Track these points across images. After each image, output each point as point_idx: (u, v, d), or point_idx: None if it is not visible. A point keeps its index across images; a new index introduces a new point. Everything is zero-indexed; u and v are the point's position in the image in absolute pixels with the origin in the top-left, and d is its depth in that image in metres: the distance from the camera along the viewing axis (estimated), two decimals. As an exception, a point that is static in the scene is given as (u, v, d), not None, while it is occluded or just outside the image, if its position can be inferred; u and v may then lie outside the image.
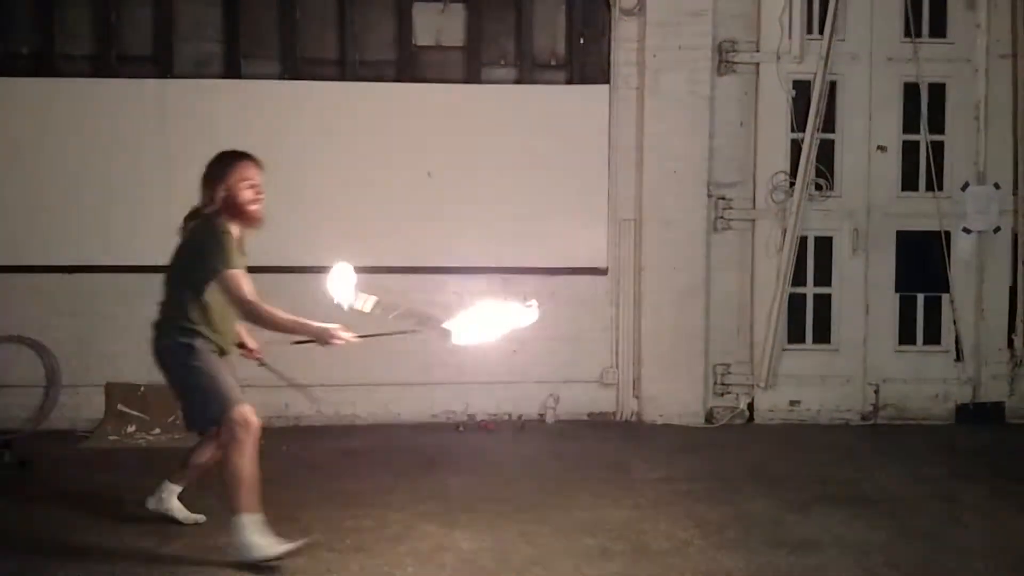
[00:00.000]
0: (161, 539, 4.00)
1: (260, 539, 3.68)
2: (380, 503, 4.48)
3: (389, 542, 4.00)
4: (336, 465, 5.19)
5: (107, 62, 5.99)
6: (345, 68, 6.12)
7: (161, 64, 6.02)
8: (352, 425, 6.02)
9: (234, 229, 3.83)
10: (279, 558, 3.69)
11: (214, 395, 3.75)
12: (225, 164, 3.85)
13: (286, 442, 5.46)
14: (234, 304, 3.75)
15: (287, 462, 5.11)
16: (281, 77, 6.06)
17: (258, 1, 6.08)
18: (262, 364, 4.15)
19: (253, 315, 3.74)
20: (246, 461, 3.70)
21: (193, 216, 3.88)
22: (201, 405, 3.80)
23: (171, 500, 4.18)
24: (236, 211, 3.81)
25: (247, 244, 3.94)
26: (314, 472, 5.04)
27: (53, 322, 5.87)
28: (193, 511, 4.17)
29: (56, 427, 5.75)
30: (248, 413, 3.74)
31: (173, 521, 4.13)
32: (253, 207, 3.83)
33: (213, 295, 3.79)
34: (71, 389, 5.87)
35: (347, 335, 3.76)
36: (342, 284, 3.88)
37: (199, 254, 3.77)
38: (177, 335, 3.81)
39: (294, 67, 6.07)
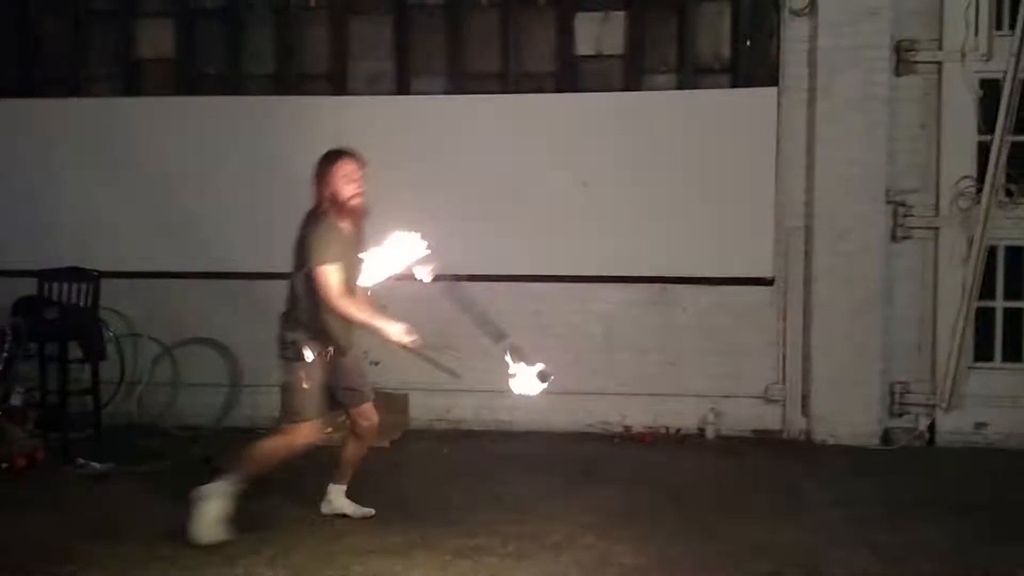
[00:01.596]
0: (332, 531, 4.14)
1: (211, 520, 3.93)
2: (541, 511, 4.47)
3: (551, 551, 3.98)
4: (493, 469, 5.23)
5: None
6: (507, 81, 6.20)
7: (335, 81, 6.29)
8: (508, 431, 6.06)
9: (343, 224, 4.00)
10: (204, 545, 3.91)
11: (295, 402, 3.99)
12: (327, 162, 4.03)
13: (447, 444, 5.57)
14: (325, 301, 3.92)
15: (448, 464, 5.20)
16: (447, 92, 6.21)
17: (426, 21, 6.25)
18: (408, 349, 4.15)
19: (339, 309, 3.91)
20: (276, 457, 4.03)
21: (307, 216, 4.09)
22: (286, 407, 4.05)
23: (340, 500, 4.36)
24: (340, 206, 3.97)
25: (358, 236, 4.06)
26: (473, 475, 5.10)
27: (235, 325, 6.22)
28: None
29: (237, 424, 6.08)
30: (309, 433, 4.02)
31: (346, 517, 4.31)
32: (354, 201, 3.98)
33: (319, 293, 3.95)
34: (251, 389, 6.19)
35: (406, 339, 3.90)
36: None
37: (305, 251, 3.96)
38: (291, 331, 4.03)
39: (460, 82, 6.21)
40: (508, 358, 3.95)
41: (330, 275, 3.90)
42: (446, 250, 6.30)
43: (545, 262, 6.02)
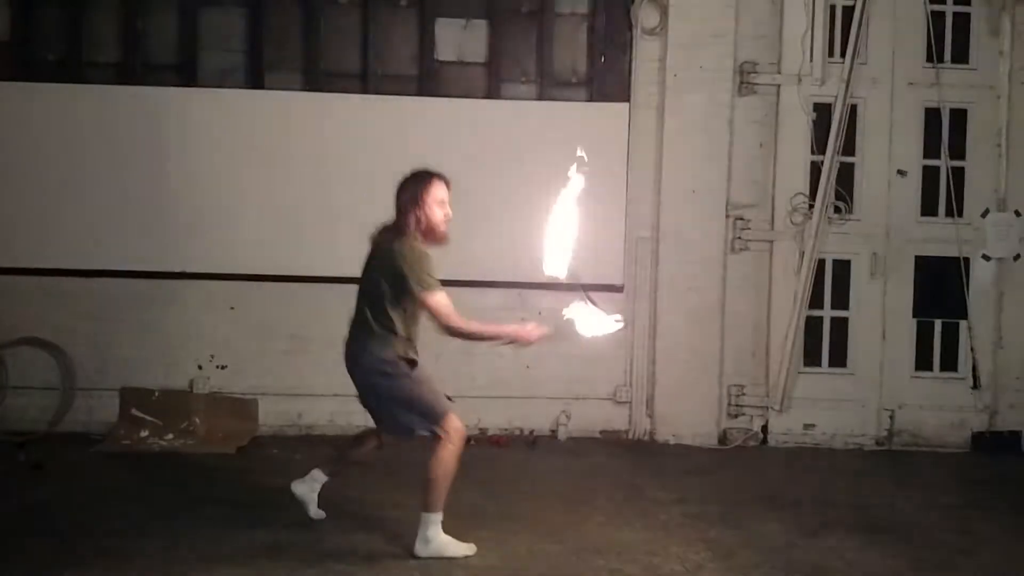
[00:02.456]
0: (168, 544, 4.01)
1: (446, 538, 3.95)
2: (392, 516, 4.47)
3: (399, 557, 3.99)
4: (347, 476, 5.17)
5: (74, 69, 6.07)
6: (367, 81, 6.16)
7: (185, 74, 6.08)
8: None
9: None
10: (462, 558, 3.92)
11: (431, 406, 3.94)
12: (421, 183, 3.99)
13: (298, 451, 5.49)
14: (440, 325, 3.91)
15: (299, 470, 5.10)
16: (304, 89, 6.11)
17: (282, 15, 6.13)
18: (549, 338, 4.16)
19: (457, 334, 3.94)
20: (452, 466, 3.95)
21: (386, 232, 4.00)
22: (417, 416, 3.96)
23: (315, 490, 4.27)
24: (428, 230, 3.96)
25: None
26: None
27: (70, 325, 5.92)
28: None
29: (71, 430, 5.77)
30: (458, 421, 3.97)
31: (302, 508, 4.23)
32: (443, 227, 3.99)
33: (409, 308, 3.93)
34: (86, 393, 5.91)
35: (539, 331, 3.99)
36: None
37: (401, 274, 3.87)
38: (383, 349, 3.92)
39: (317, 80, 6.12)
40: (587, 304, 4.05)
41: (441, 299, 3.86)
42: (298, 251, 6.28)
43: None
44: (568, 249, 4.06)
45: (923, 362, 6.28)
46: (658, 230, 6.16)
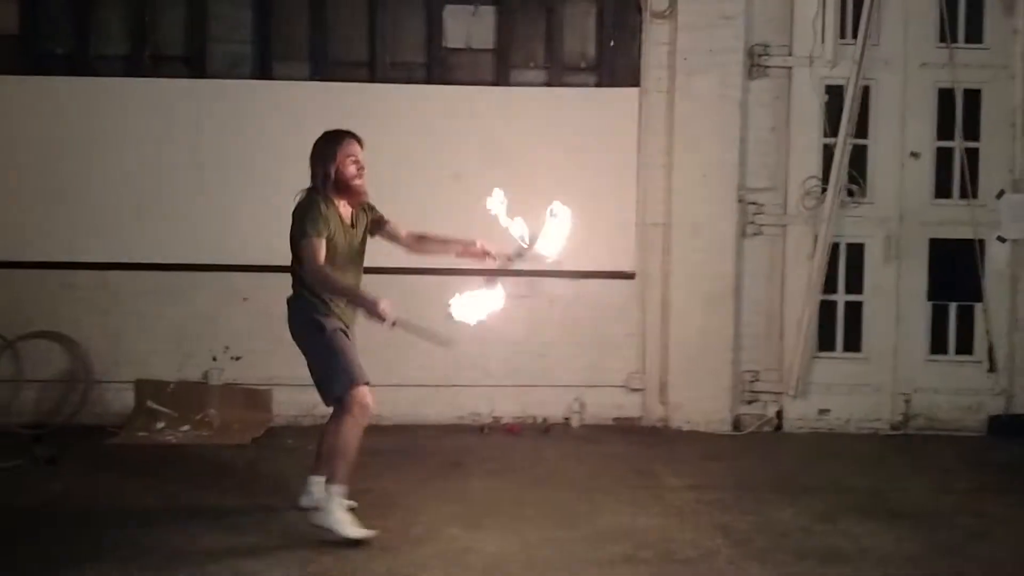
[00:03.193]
0: (185, 535, 4.04)
1: (345, 515, 3.93)
2: (405, 504, 4.49)
3: (413, 543, 4.01)
4: (362, 465, 5.20)
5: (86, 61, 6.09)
6: (375, 70, 6.15)
7: (194, 65, 6.08)
8: (378, 425, 5.99)
9: (341, 205, 4.06)
10: (356, 542, 3.89)
11: (339, 371, 3.95)
12: (332, 142, 4.08)
13: (312, 441, 5.48)
14: (304, 268, 3.97)
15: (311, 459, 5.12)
16: (312, 78, 6.09)
17: (290, 4, 6.12)
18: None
19: (317, 280, 3.96)
20: (354, 437, 3.96)
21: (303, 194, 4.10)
22: (328, 381, 3.99)
23: (319, 492, 4.20)
24: (342, 186, 4.05)
25: (355, 219, 4.16)
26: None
27: (85, 319, 5.96)
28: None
29: (86, 422, 5.81)
30: (367, 394, 3.97)
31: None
32: (357, 181, 4.08)
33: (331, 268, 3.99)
34: (102, 385, 5.94)
35: (390, 313, 3.88)
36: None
37: (293, 226, 4.01)
38: (304, 310, 4.03)
39: (325, 69, 6.11)
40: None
41: (311, 244, 3.92)
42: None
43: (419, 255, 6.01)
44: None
45: (938, 345, 6.24)
46: (670, 216, 6.13)
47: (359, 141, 4.15)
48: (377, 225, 4.31)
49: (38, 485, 4.75)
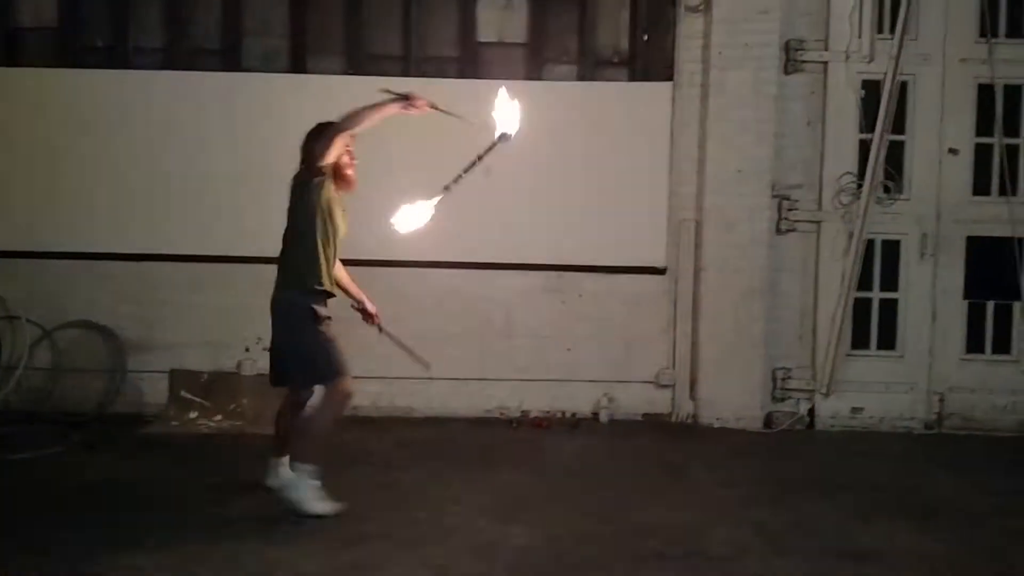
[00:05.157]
0: (219, 522, 4.08)
1: (312, 493, 4.05)
2: (435, 496, 4.50)
3: (443, 535, 4.02)
4: (392, 457, 5.23)
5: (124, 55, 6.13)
6: (408, 64, 6.16)
7: (228, 59, 6.13)
8: (407, 418, 6.06)
9: (332, 191, 4.17)
10: (320, 517, 4.02)
11: (333, 360, 4.09)
12: (327, 131, 4.13)
13: (343, 431, 5.51)
14: (341, 133, 4.06)
15: (345, 451, 5.17)
16: (346, 72, 6.12)
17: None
18: (381, 331, 4.44)
19: (354, 113, 4.09)
20: (331, 422, 4.13)
21: (297, 179, 4.18)
22: (320, 368, 4.08)
23: (287, 473, 4.27)
24: (338, 175, 4.19)
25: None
26: (369, 463, 5.08)
27: (120, 309, 6.03)
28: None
29: (122, 411, 5.89)
30: (351, 385, 4.13)
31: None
32: (349, 171, 4.22)
33: (324, 255, 4.14)
34: (136, 375, 6.02)
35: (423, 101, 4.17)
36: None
37: (300, 209, 4.12)
38: (297, 302, 4.13)
39: (359, 63, 6.13)
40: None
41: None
42: (350, 236, 6.30)
43: (447, 249, 6.00)
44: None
45: (974, 344, 6.15)
46: (702, 211, 6.10)
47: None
48: None
49: (77, 471, 4.83)
